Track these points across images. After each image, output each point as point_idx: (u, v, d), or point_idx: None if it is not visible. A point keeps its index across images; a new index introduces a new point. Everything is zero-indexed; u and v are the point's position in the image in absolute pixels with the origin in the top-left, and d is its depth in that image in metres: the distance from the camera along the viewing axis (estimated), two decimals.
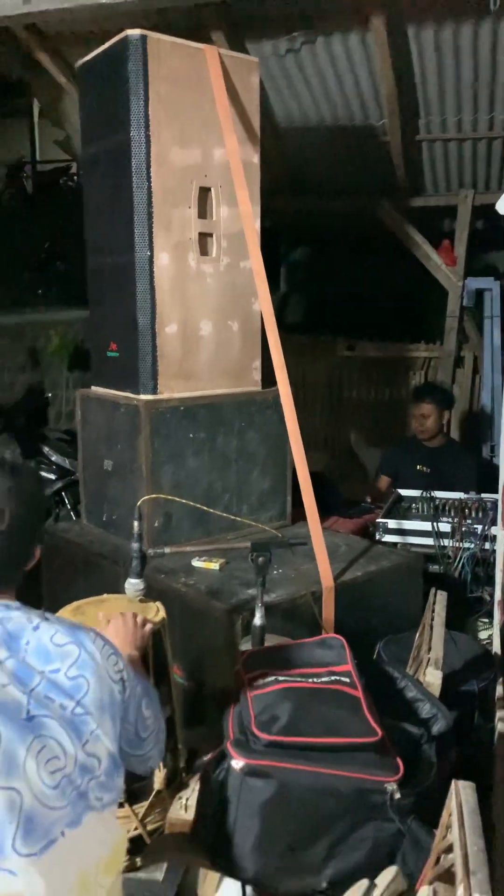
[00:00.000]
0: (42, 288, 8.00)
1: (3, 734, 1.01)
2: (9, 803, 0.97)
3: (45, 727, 1.07)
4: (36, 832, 1.00)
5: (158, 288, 2.85)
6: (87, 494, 3.36)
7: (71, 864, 1.05)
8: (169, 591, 2.57)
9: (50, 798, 1.03)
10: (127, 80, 2.73)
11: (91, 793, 1.11)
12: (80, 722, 1.12)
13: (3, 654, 1.09)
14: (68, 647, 1.16)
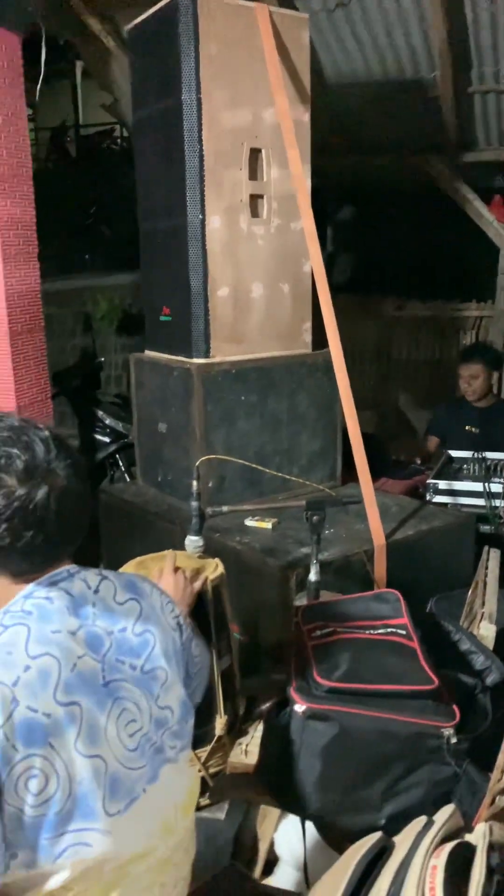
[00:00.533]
0: (88, 253, 8.06)
1: (83, 705, 1.04)
2: (94, 770, 1.03)
3: (121, 690, 1.12)
4: (120, 792, 1.07)
5: (210, 251, 2.88)
6: (142, 456, 3.45)
7: (153, 814, 1.13)
8: (224, 549, 2.64)
9: (131, 759, 1.10)
10: (177, 42, 2.73)
11: (166, 745, 1.18)
12: (150, 678, 1.17)
13: (74, 623, 1.09)
14: (129, 604, 1.20)
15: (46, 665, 1.03)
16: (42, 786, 0.98)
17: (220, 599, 2.14)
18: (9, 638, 1.03)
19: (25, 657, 1.02)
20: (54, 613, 1.08)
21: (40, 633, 1.05)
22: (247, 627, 2.53)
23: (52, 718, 1.00)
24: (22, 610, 1.07)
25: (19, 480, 1.05)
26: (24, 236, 3.45)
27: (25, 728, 0.98)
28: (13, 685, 0.99)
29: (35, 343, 3.60)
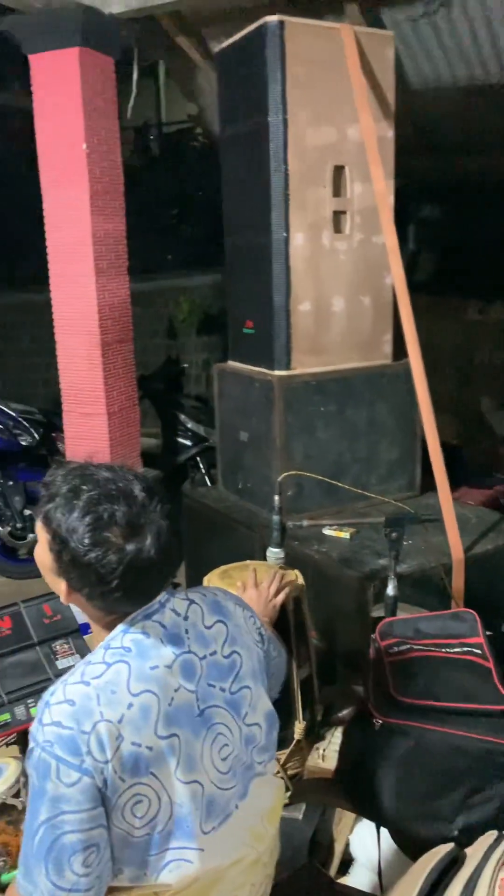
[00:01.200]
0: (170, 253, 8.24)
1: (182, 737, 1.12)
2: (192, 795, 1.12)
3: (214, 716, 1.18)
4: (215, 812, 1.17)
5: (293, 268, 2.97)
6: (224, 463, 3.58)
7: (244, 826, 1.23)
8: (303, 557, 2.74)
9: (224, 781, 1.18)
10: (265, 64, 2.82)
11: (254, 761, 1.27)
12: (239, 698, 1.23)
13: (169, 656, 1.15)
14: (217, 627, 1.25)
15: (147, 702, 1.10)
16: (146, 810, 1.09)
17: (300, 610, 2.25)
18: (112, 676, 1.10)
19: (128, 695, 1.09)
20: (151, 649, 1.14)
21: (140, 671, 1.11)
22: (323, 635, 2.62)
23: (154, 751, 1.10)
24: (122, 646, 1.13)
25: (125, 536, 1.11)
26: (115, 251, 3.62)
27: (131, 761, 1.08)
28: (119, 722, 1.07)
29: (124, 353, 3.78)
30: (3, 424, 4.25)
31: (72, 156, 3.43)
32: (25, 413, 4.38)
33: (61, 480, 1.17)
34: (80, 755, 1.05)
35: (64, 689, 1.10)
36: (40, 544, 1.19)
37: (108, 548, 1.10)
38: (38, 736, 1.07)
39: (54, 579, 1.18)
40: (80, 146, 3.40)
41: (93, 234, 3.48)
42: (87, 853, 1.05)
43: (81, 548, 1.10)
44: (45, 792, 1.05)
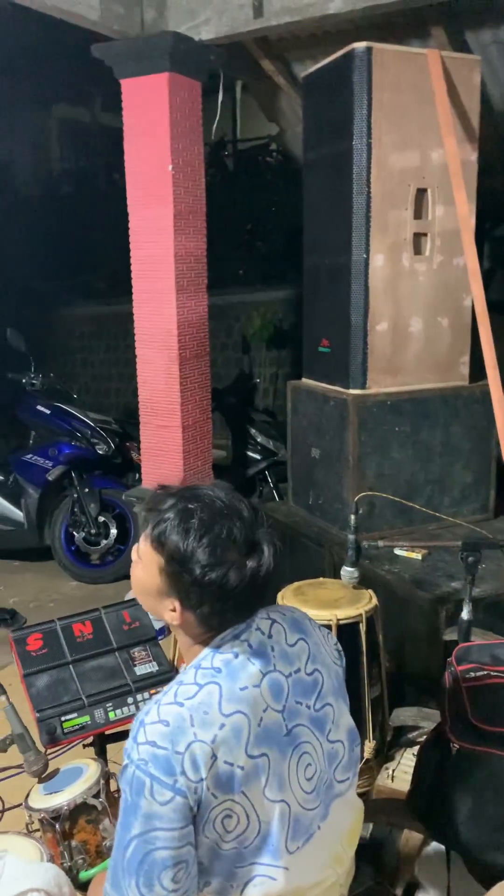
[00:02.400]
0: (242, 268, 8.35)
1: (271, 756, 1.15)
2: (281, 814, 1.15)
3: (300, 735, 1.20)
4: (299, 832, 1.20)
5: (372, 288, 3.00)
6: (294, 478, 3.62)
7: (325, 848, 1.25)
8: (374, 577, 2.75)
9: (308, 801, 1.20)
10: (351, 90, 2.87)
11: (335, 780, 1.28)
12: (322, 716, 1.25)
13: (257, 675, 1.17)
14: (300, 645, 1.26)
15: (238, 723, 1.13)
16: (235, 825, 1.13)
17: (372, 630, 2.26)
18: (204, 697, 1.13)
19: (220, 716, 1.12)
20: (240, 670, 1.16)
21: (230, 692, 1.14)
22: (394, 656, 2.63)
23: (246, 770, 1.13)
24: (212, 667, 1.16)
25: (244, 554, 1.15)
26: (195, 269, 3.72)
27: (224, 779, 1.10)
28: (212, 743, 1.10)
29: (201, 368, 3.87)
30: (80, 433, 4.39)
31: (158, 176, 3.55)
32: (102, 423, 4.51)
33: (170, 503, 1.20)
34: (174, 775, 1.08)
35: (158, 710, 1.13)
36: (144, 568, 1.22)
37: (229, 566, 1.14)
38: (132, 754, 1.11)
39: (160, 601, 1.21)
40: (167, 167, 3.51)
41: (175, 253, 3.59)
42: (177, 869, 1.09)
43: (203, 568, 1.13)
44: (139, 808, 1.08)
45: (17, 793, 2.45)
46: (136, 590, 1.26)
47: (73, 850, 1.74)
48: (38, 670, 2.08)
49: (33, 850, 1.57)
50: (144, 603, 1.26)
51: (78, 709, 2.03)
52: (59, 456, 4.32)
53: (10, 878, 1.45)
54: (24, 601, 4.10)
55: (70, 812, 1.75)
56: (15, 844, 1.59)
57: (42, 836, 1.74)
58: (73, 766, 1.89)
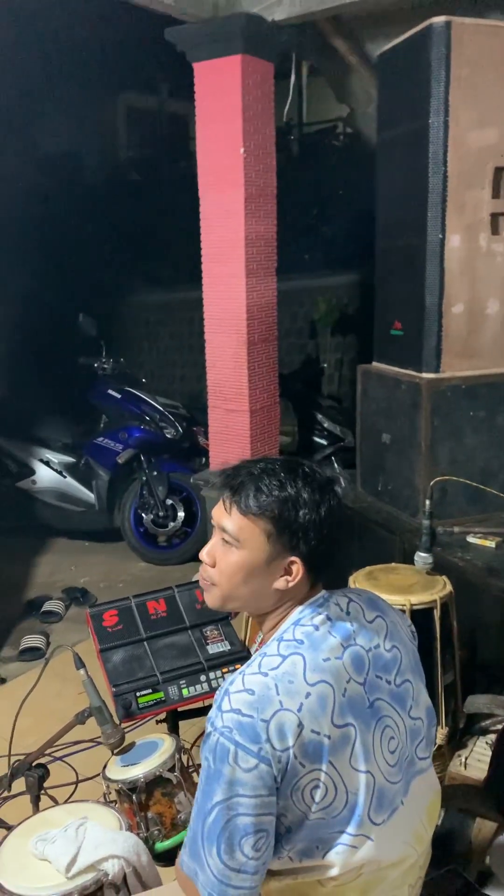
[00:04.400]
0: (308, 252, 8.30)
1: (357, 728, 1.16)
2: (366, 785, 1.16)
3: (382, 710, 1.21)
4: (384, 805, 1.20)
5: (448, 269, 2.93)
6: (363, 464, 3.58)
7: (407, 825, 1.25)
8: (446, 563, 2.70)
9: (392, 774, 1.21)
10: (429, 66, 2.79)
11: (417, 757, 1.29)
12: (403, 692, 1.25)
13: (339, 648, 1.19)
14: (377, 622, 1.27)
15: (324, 692, 1.14)
16: (323, 795, 1.14)
17: (447, 616, 2.24)
18: (289, 668, 1.15)
19: (305, 685, 1.13)
20: (321, 641, 1.19)
21: (314, 662, 1.16)
22: (466, 643, 2.59)
23: (332, 740, 1.14)
24: (294, 639, 1.19)
25: (322, 498, 1.20)
26: (265, 252, 3.71)
27: (310, 748, 1.11)
28: (298, 711, 1.11)
29: (268, 352, 3.87)
30: (150, 417, 4.45)
31: (229, 160, 3.55)
32: (170, 407, 4.56)
33: (245, 473, 1.23)
34: (259, 742, 1.09)
35: (243, 679, 1.15)
36: (245, 545, 1.22)
37: (329, 498, 1.20)
38: (216, 722, 1.12)
39: (269, 572, 1.22)
40: (238, 150, 3.50)
41: (245, 237, 3.59)
42: (258, 837, 1.10)
43: (311, 508, 1.19)
44: (222, 775, 1.09)
45: (93, 764, 2.53)
46: (234, 579, 1.24)
47: (149, 822, 1.78)
48: (113, 646, 2.13)
49: (112, 818, 1.61)
50: (246, 590, 1.24)
51: (152, 685, 2.07)
52: (128, 439, 4.40)
53: (92, 843, 1.49)
54: (95, 581, 4.20)
55: (146, 784, 1.79)
56: (95, 812, 1.63)
57: (119, 806, 1.79)
58: (148, 740, 1.93)
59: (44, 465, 4.63)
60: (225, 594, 1.26)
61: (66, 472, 4.58)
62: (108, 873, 1.46)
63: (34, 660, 3.32)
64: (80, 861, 1.46)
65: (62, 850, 1.46)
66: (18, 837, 1.58)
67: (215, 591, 1.27)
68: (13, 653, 3.40)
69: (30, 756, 1.86)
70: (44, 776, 1.87)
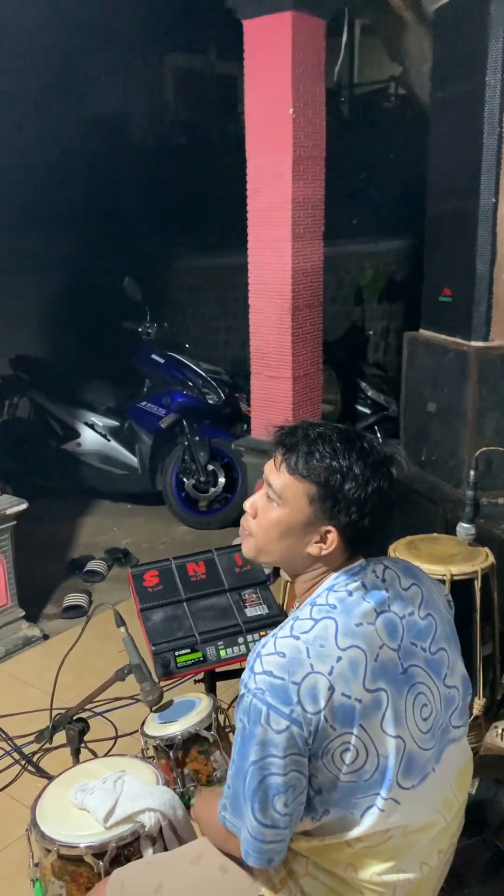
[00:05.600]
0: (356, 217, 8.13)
1: (389, 693, 1.16)
2: (396, 749, 1.16)
3: (416, 676, 1.21)
4: (414, 770, 1.20)
5: (500, 235, 2.86)
6: (407, 433, 3.54)
7: (437, 791, 1.25)
8: (489, 535, 2.67)
9: (424, 740, 1.20)
10: (486, 23, 2.70)
11: (451, 725, 1.28)
12: (438, 660, 1.26)
13: (372, 613, 1.19)
14: (412, 590, 1.27)
15: (355, 656, 1.14)
16: (354, 758, 1.14)
17: (487, 588, 2.21)
18: (320, 631, 1.15)
19: (336, 649, 1.14)
20: (354, 606, 1.18)
21: (346, 627, 1.16)
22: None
23: (363, 703, 1.14)
24: (327, 604, 1.19)
25: (373, 475, 1.19)
26: (312, 216, 3.65)
27: (341, 712, 1.12)
28: (329, 674, 1.12)
29: (313, 318, 3.83)
30: (192, 382, 4.46)
31: (278, 121, 3.48)
32: (213, 373, 4.55)
33: (301, 435, 1.22)
34: (291, 704, 1.10)
35: (275, 642, 1.16)
36: (287, 504, 1.21)
37: (381, 477, 1.19)
38: (249, 684, 1.14)
39: (304, 535, 1.22)
40: (288, 111, 3.43)
41: (293, 200, 3.53)
42: (288, 795, 1.12)
43: (359, 483, 1.17)
44: (255, 736, 1.11)
45: (131, 721, 2.59)
46: (271, 533, 1.24)
47: (185, 778, 1.82)
48: (153, 606, 2.16)
49: (150, 773, 1.64)
50: (279, 546, 1.24)
51: (191, 645, 2.10)
52: (171, 404, 4.41)
53: (129, 796, 1.53)
54: (137, 542, 4.26)
55: (183, 742, 1.82)
56: (133, 767, 1.67)
57: (156, 762, 1.82)
58: (186, 698, 1.96)
59: (89, 428, 4.68)
60: (259, 546, 1.27)
61: (111, 436, 4.63)
62: (145, 825, 1.50)
63: (76, 617, 3.40)
64: (117, 812, 1.50)
65: (101, 801, 1.50)
66: (59, 787, 1.63)
67: (251, 541, 1.28)
68: (56, 610, 3.48)
69: (70, 710, 1.91)
70: (84, 730, 1.91)
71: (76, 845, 1.46)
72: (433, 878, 1.28)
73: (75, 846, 1.45)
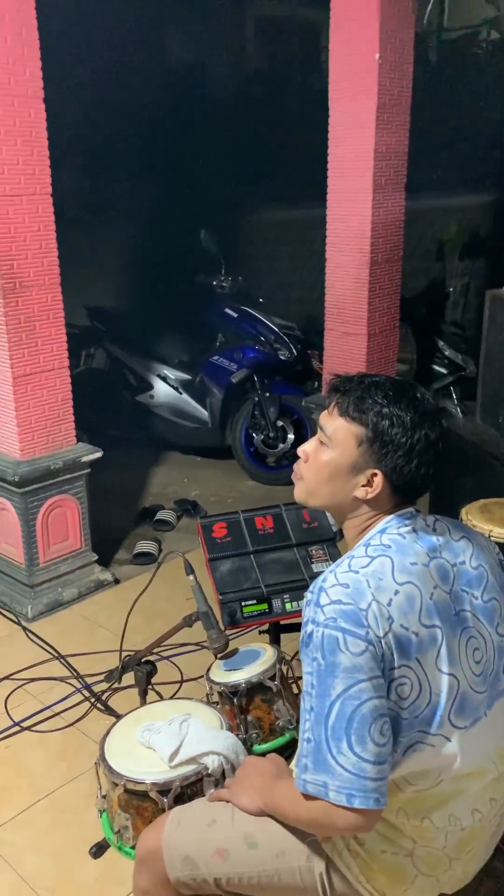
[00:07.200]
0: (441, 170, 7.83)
1: (443, 631, 1.18)
2: (449, 687, 1.17)
3: (468, 620, 1.23)
4: (466, 710, 1.20)
5: None
6: (485, 394, 3.44)
7: (490, 738, 1.24)
8: None
9: (477, 683, 1.22)
10: None
11: (502, 676, 1.27)
12: (490, 608, 1.27)
13: (425, 556, 1.22)
14: (463, 542, 1.29)
15: (411, 592, 1.17)
16: (409, 691, 1.15)
17: None
18: (377, 567, 1.18)
19: (394, 583, 1.16)
20: (408, 548, 1.21)
21: (402, 564, 1.19)
22: None
23: (419, 637, 1.16)
24: (381, 544, 1.22)
25: (421, 424, 1.22)
26: (395, 166, 3.53)
27: (401, 642, 1.14)
28: (388, 605, 1.14)
29: (391, 273, 3.73)
30: (265, 338, 4.43)
31: (363, 66, 3.35)
32: (286, 328, 4.51)
33: (357, 381, 1.27)
34: (364, 626, 1.12)
35: (335, 575, 1.18)
36: (337, 445, 1.25)
37: (429, 425, 1.22)
38: (318, 617, 1.14)
39: (351, 477, 1.25)
40: (374, 55, 3.30)
41: (375, 149, 3.41)
42: (383, 721, 1.12)
43: (408, 430, 1.21)
44: (338, 664, 1.11)
45: (196, 666, 2.66)
46: (320, 475, 1.28)
47: (248, 724, 1.85)
48: (222, 556, 2.19)
49: (214, 718, 1.68)
50: (327, 488, 1.28)
51: (257, 596, 2.12)
52: (243, 359, 4.41)
53: (195, 738, 1.57)
54: (205, 495, 4.31)
55: (247, 689, 1.85)
56: (198, 710, 1.71)
57: (221, 707, 1.86)
58: (251, 648, 1.99)
59: (161, 381, 4.73)
60: (309, 488, 1.31)
61: (182, 389, 4.66)
62: (208, 767, 1.54)
63: (146, 564, 3.49)
64: (182, 753, 1.54)
65: (167, 741, 1.55)
66: (126, 725, 1.68)
67: (301, 484, 1.33)
68: (127, 556, 3.58)
69: (139, 652, 1.96)
70: (151, 672, 1.97)
71: (143, 781, 1.51)
72: (487, 830, 1.27)
73: (142, 782, 1.51)
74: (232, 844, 1.33)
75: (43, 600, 3.09)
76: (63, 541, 3.16)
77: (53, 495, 3.08)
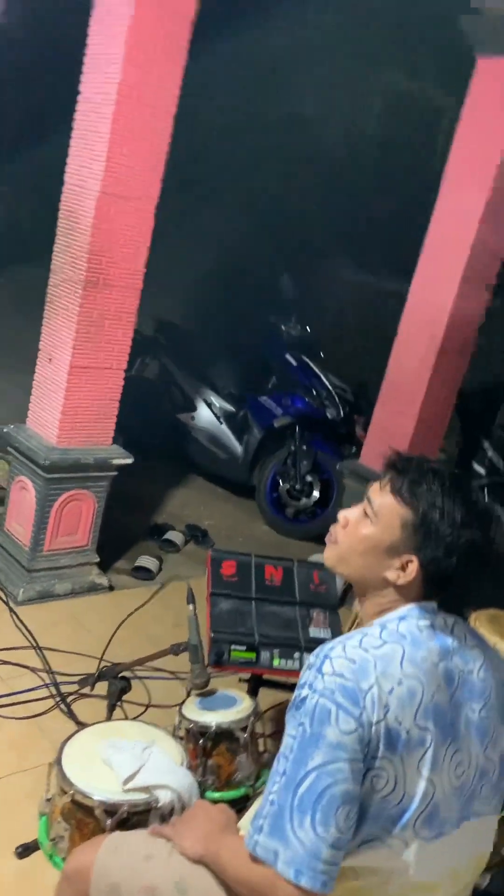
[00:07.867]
0: None
1: (434, 736, 1.14)
2: (424, 792, 1.13)
3: (460, 732, 1.19)
4: (433, 822, 1.16)
5: None
6: None
7: (450, 857, 1.21)
8: None
9: (452, 797, 1.18)
10: None
11: (477, 798, 1.23)
12: (484, 725, 1.24)
13: (437, 656, 1.19)
14: (477, 651, 1.26)
15: (414, 687, 1.14)
16: (384, 785, 1.12)
17: None
18: (388, 652, 1.15)
19: (400, 673, 1.13)
20: (423, 643, 1.18)
21: (412, 657, 1.16)
22: None
23: (409, 735, 1.12)
24: (398, 631, 1.19)
25: (470, 524, 1.19)
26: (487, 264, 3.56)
27: (389, 735, 1.11)
28: (389, 693, 1.11)
29: (459, 365, 3.74)
30: (316, 391, 4.45)
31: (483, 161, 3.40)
32: (339, 388, 4.54)
33: (416, 462, 1.26)
34: (360, 706, 1.09)
35: (344, 648, 1.15)
36: (381, 522, 1.23)
37: (473, 531, 1.19)
38: (316, 684, 1.12)
39: (387, 558, 1.23)
40: (497, 154, 3.35)
41: (473, 243, 3.45)
42: (351, 807, 1.08)
43: (456, 527, 1.19)
44: (322, 737, 1.08)
45: (166, 695, 2.62)
46: (356, 547, 1.27)
47: (207, 768, 1.82)
48: (224, 594, 2.18)
49: (177, 752, 1.65)
50: (360, 561, 1.26)
51: (248, 643, 2.10)
52: (290, 407, 4.43)
53: (154, 767, 1.55)
54: (218, 527, 4.30)
55: (216, 734, 1.83)
56: (164, 741, 1.68)
57: (185, 744, 1.83)
58: (230, 693, 1.97)
59: (206, 406, 4.77)
60: (342, 555, 1.29)
61: (224, 419, 4.69)
62: (160, 800, 1.51)
63: (143, 579, 3.47)
64: (138, 778, 1.51)
65: (127, 763, 1.53)
66: (90, 735, 1.66)
67: (335, 548, 1.31)
68: (127, 567, 3.56)
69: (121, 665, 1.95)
70: (126, 688, 1.96)
71: (91, 796, 1.48)
72: None
73: (90, 797, 1.48)
74: (162, 884, 1.29)
75: (36, 587, 3.09)
76: (71, 534, 3.17)
77: (74, 488, 3.09)
